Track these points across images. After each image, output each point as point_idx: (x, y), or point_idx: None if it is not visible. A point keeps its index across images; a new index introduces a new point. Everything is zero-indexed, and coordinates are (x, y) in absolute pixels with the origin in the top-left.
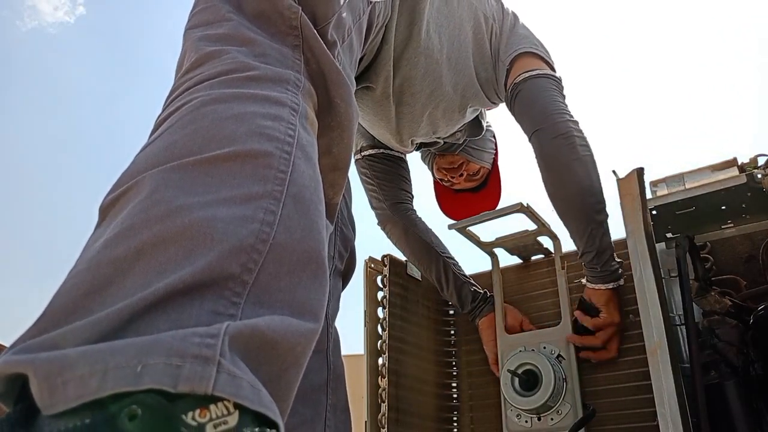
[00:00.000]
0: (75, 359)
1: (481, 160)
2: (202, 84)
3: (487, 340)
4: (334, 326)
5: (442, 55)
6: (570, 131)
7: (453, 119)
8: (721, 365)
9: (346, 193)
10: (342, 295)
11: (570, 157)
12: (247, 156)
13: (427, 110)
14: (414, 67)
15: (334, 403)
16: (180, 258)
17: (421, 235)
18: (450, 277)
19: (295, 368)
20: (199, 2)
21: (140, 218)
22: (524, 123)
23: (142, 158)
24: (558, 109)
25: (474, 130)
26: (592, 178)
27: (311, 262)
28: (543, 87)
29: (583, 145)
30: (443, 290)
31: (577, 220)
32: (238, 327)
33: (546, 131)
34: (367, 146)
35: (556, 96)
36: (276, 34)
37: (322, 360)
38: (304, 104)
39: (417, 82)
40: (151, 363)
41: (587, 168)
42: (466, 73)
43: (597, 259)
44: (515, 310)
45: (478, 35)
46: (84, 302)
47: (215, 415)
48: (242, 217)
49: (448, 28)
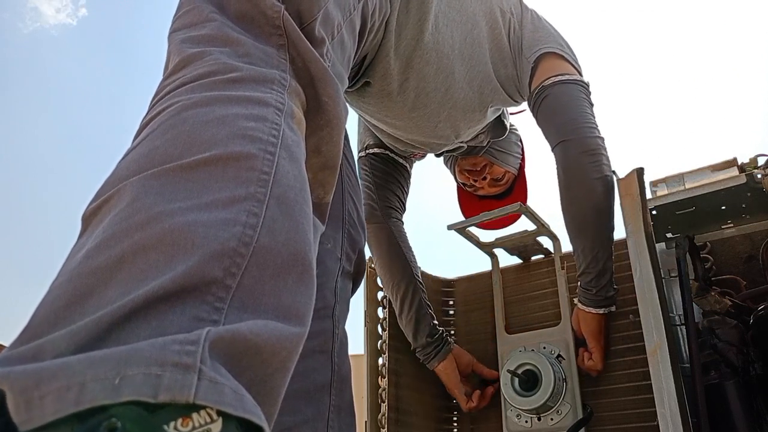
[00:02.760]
0: (52, 372)
1: (505, 164)
2: (184, 87)
3: (453, 385)
4: (343, 328)
5: (453, 50)
6: (598, 148)
7: (474, 120)
8: (721, 365)
9: (355, 196)
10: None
11: (593, 175)
12: (229, 159)
13: (445, 110)
14: (426, 63)
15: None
16: (161, 264)
17: (404, 249)
18: (414, 303)
19: (280, 373)
20: (182, 5)
21: (121, 227)
22: (549, 131)
23: (123, 166)
24: (588, 123)
25: (497, 131)
26: (609, 200)
27: (297, 264)
28: (573, 95)
29: (607, 165)
30: (401, 313)
31: (586, 240)
32: (219, 332)
33: (573, 144)
34: (373, 144)
35: (586, 107)
36: (260, 34)
37: (327, 360)
38: (290, 103)
39: (431, 80)
40: (130, 374)
41: (607, 189)
42: (482, 69)
43: (595, 282)
44: (465, 354)
45: (495, 30)
46: (65, 313)
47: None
48: (224, 220)
49: (460, 22)
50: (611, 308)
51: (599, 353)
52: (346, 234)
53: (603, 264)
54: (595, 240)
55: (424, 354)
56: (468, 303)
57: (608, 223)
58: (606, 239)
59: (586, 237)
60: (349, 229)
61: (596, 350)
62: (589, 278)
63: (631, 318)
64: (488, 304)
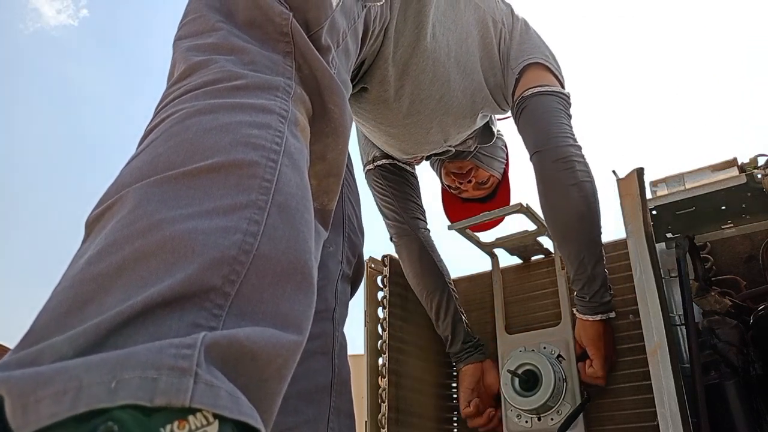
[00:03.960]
0: (49, 376)
1: (490, 168)
2: (188, 94)
3: (466, 387)
4: (342, 331)
5: (449, 58)
6: (570, 156)
7: (464, 125)
8: (721, 365)
9: (354, 201)
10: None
11: (568, 182)
12: (231, 166)
13: (437, 116)
14: (422, 71)
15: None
16: (161, 271)
17: (435, 259)
18: (450, 310)
19: (276, 380)
20: (188, 12)
21: (122, 234)
22: (527, 141)
23: (126, 173)
24: (561, 132)
25: (485, 137)
26: (589, 204)
27: (296, 273)
28: (549, 106)
29: (583, 171)
30: (438, 320)
31: (570, 246)
32: (215, 337)
33: (546, 154)
34: (380, 156)
35: (562, 117)
36: (267, 41)
37: (327, 362)
38: (294, 111)
39: (426, 87)
40: (126, 377)
41: (585, 194)
42: (475, 78)
43: (587, 288)
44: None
45: (486, 39)
46: (66, 319)
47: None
48: (225, 228)
49: (455, 31)
50: (610, 314)
51: (599, 360)
52: (347, 238)
53: (592, 269)
54: (580, 245)
55: (456, 356)
56: (468, 303)
57: (591, 228)
58: (591, 244)
59: (570, 243)
60: (349, 234)
61: (596, 357)
62: (580, 285)
63: (631, 318)
64: (488, 304)
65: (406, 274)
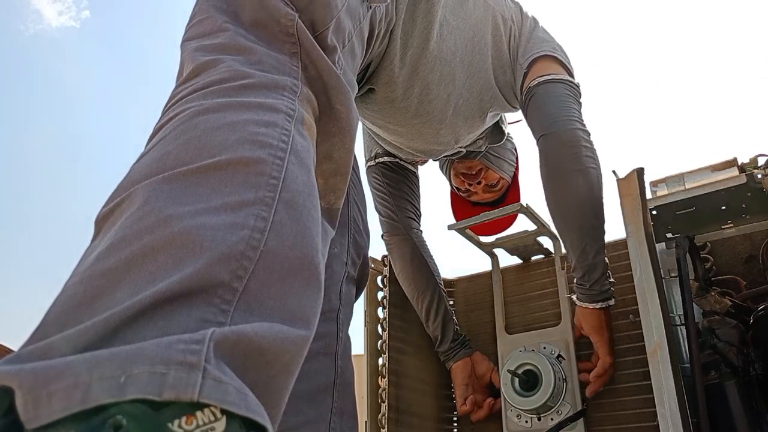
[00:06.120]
0: (60, 370)
1: (500, 170)
2: (196, 93)
3: (460, 383)
4: (346, 332)
5: (455, 57)
6: (577, 140)
7: (474, 125)
8: (721, 365)
9: (360, 203)
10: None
11: (573, 167)
12: (239, 164)
13: (447, 116)
14: (431, 71)
15: (340, 407)
16: (169, 266)
17: (427, 259)
18: (441, 310)
19: (284, 376)
20: (195, 14)
21: (132, 230)
22: (533, 126)
23: (135, 170)
24: (569, 116)
25: (495, 137)
26: (593, 191)
27: (304, 269)
28: (557, 92)
29: (589, 157)
30: (428, 320)
31: (572, 233)
32: (223, 333)
33: (552, 137)
34: (382, 153)
35: (570, 102)
36: (273, 42)
37: (330, 362)
38: (300, 110)
39: (434, 87)
40: (136, 372)
41: (589, 180)
42: (482, 76)
43: (587, 277)
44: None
45: (496, 37)
46: (76, 314)
47: (202, 422)
48: (232, 224)
49: (463, 30)
50: (609, 302)
51: (605, 347)
52: (352, 239)
53: (593, 257)
54: (582, 233)
55: (444, 354)
56: (468, 303)
57: (594, 215)
58: (593, 232)
59: (572, 230)
60: (354, 235)
61: (601, 345)
62: (581, 273)
63: (631, 318)
64: (488, 304)
65: (397, 274)
